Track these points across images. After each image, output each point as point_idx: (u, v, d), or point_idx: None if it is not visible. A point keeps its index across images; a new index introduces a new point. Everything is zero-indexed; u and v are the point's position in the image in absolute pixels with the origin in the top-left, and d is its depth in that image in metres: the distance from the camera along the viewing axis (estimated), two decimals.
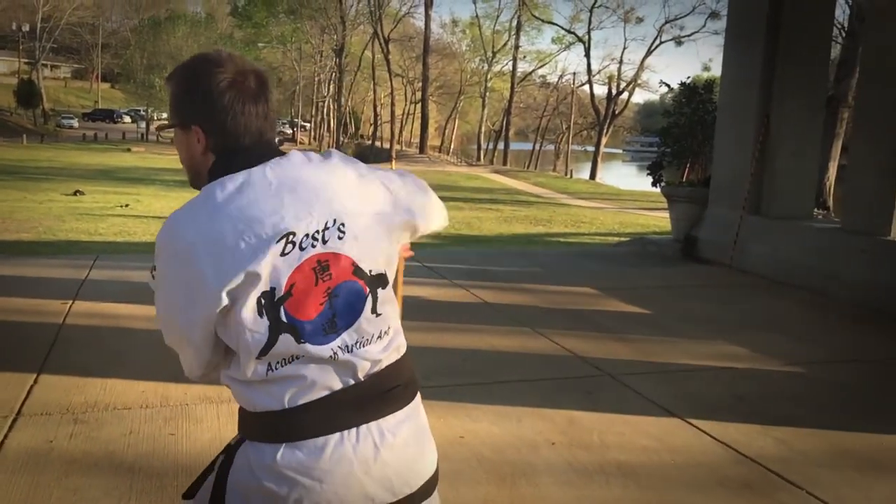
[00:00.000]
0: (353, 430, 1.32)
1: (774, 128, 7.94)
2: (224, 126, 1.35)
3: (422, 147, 53.50)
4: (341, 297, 1.34)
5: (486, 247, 11.36)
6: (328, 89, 61.64)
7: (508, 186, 31.75)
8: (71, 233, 11.29)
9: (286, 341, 1.30)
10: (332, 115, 61.10)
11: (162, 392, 3.76)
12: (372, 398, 1.36)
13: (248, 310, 1.27)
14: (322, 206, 1.33)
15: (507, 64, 58.38)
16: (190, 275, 1.27)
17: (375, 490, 1.34)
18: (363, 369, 1.35)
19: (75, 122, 61.44)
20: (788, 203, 7.97)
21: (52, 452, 3.07)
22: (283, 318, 1.29)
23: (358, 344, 1.35)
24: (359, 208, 1.37)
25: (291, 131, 65.15)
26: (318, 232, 1.31)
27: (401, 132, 60.75)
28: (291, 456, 1.30)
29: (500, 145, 57.25)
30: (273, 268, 1.28)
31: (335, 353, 1.32)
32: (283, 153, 1.39)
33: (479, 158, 56.83)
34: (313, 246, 1.31)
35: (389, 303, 1.42)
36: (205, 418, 3.47)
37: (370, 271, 1.37)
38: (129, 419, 3.43)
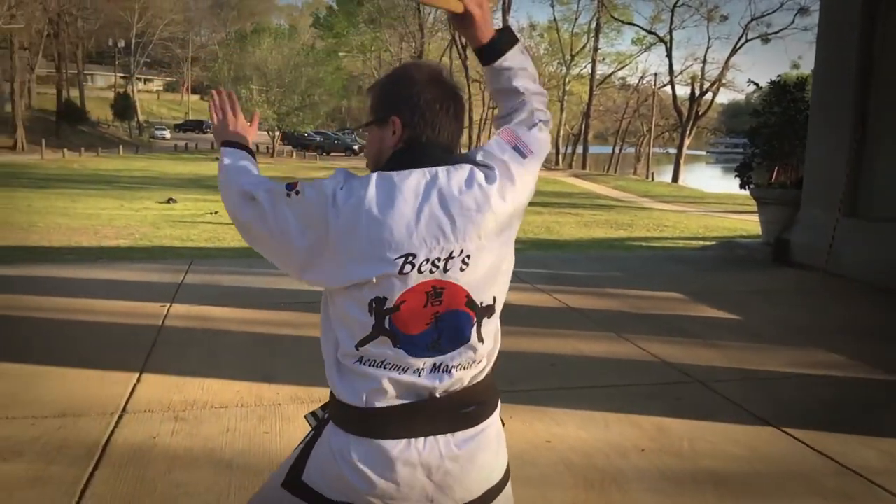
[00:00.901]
0: (422, 438, 1.40)
1: (872, 125, 7.60)
2: (425, 117, 1.42)
3: None
4: (448, 322, 1.39)
5: (566, 251, 11.26)
6: None
7: (588, 190, 31.40)
8: (165, 239, 11.79)
9: (384, 342, 1.37)
10: None
11: (256, 392, 3.88)
12: (446, 414, 1.42)
13: (363, 302, 1.35)
14: (456, 235, 1.35)
15: (585, 67, 57.77)
16: (320, 248, 1.36)
17: (435, 493, 1.42)
18: (444, 388, 1.41)
19: (167, 133, 64.04)
20: (888, 204, 7.60)
21: (155, 448, 3.21)
22: (387, 325, 1.36)
23: (458, 367, 1.42)
24: (489, 244, 1.40)
25: None
26: (439, 259, 1.35)
27: (479, 137, 60.86)
28: (363, 450, 1.39)
29: (579, 149, 56.62)
30: (389, 281, 1.34)
31: (423, 369, 1.39)
32: (465, 159, 1.43)
33: (557, 162, 56.40)
34: (431, 272, 1.35)
35: (494, 329, 1.48)
36: (296, 418, 3.56)
37: (481, 303, 1.42)
38: (226, 417, 3.56)
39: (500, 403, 1.58)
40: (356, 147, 55.48)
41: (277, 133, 51.82)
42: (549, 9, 59.17)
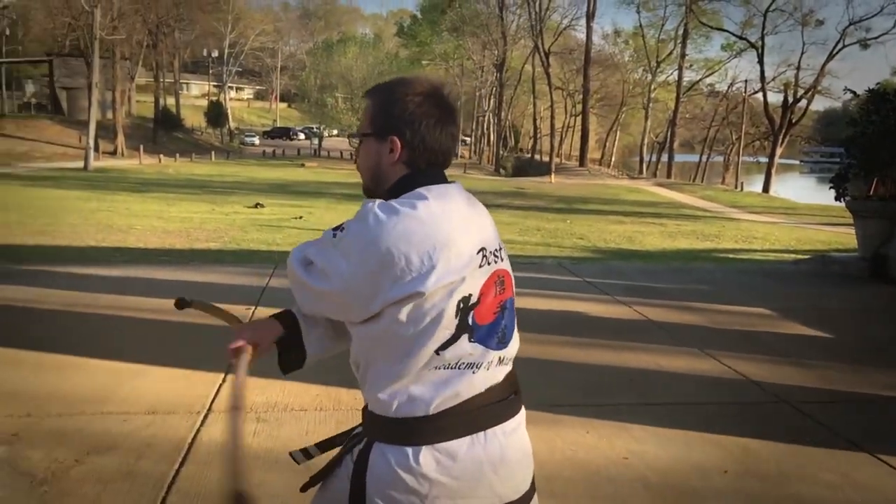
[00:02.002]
0: (482, 433, 1.43)
1: None
2: (424, 141, 1.46)
3: (582, 160, 52.92)
4: (508, 310, 1.49)
5: (649, 262, 11.03)
6: (488, 104, 62.51)
7: (673, 200, 30.68)
8: (252, 243, 12.15)
9: (463, 340, 1.41)
10: (492, 129, 61.88)
11: (334, 396, 3.95)
12: (497, 404, 1.46)
13: (449, 308, 1.38)
14: (493, 229, 1.50)
15: (672, 73, 56.60)
16: (388, 264, 1.35)
17: (502, 488, 1.45)
18: (499, 378, 1.47)
19: (256, 140, 66.12)
20: None
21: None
22: (469, 321, 1.41)
23: (508, 360, 1.50)
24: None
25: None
26: (498, 249, 1.48)
27: (560, 145, 60.37)
28: (430, 457, 1.40)
29: (664, 157, 55.44)
30: (474, 276, 1.41)
31: (493, 362, 1.45)
32: None
33: (641, 171, 55.40)
34: (495, 262, 1.46)
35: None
36: None
37: (514, 292, 1.54)
38: (306, 420, 3.64)
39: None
40: None
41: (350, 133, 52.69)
42: (635, 15, 58.05)
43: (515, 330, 1.52)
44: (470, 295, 1.39)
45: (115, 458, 3.14)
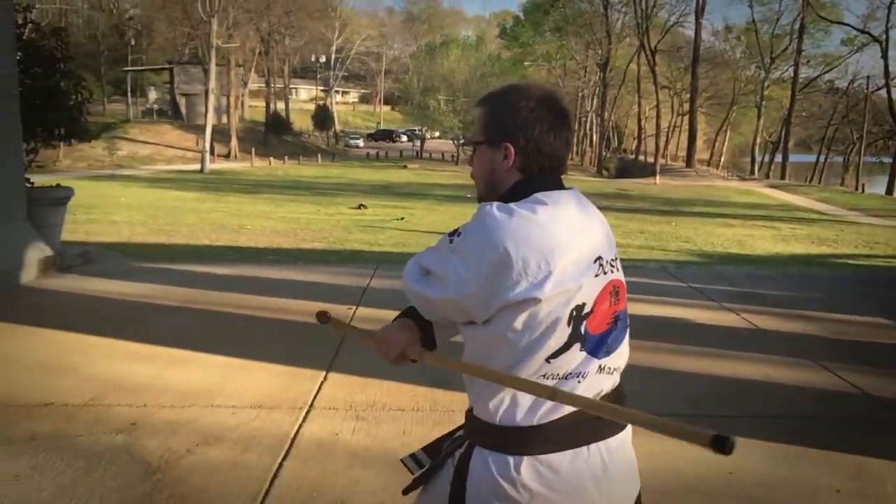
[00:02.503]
0: (586, 447, 1.41)
1: None
2: (538, 147, 1.45)
3: (689, 160, 51.39)
4: (621, 321, 1.48)
5: (759, 267, 10.58)
6: (591, 104, 61.62)
7: (786, 202, 29.34)
8: (355, 243, 12.44)
9: (574, 349, 1.39)
10: (594, 129, 60.96)
11: (431, 397, 3.99)
12: (602, 420, 1.42)
13: (564, 317, 1.37)
14: (609, 238, 1.47)
15: (787, 70, 54.17)
16: (506, 266, 1.34)
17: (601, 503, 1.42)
18: (603, 390, 1.45)
19: (361, 142, 67.63)
20: None
21: (337, 444, 3.40)
22: (581, 330, 1.39)
23: (616, 369, 1.48)
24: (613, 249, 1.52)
25: None
26: (614, 259, 1.47)
27: (666, 145, 58.84)
28: (532, 468, 1.38)
29: (778, 157, 53.06)
30: (589, 285, 1.40)
31: (594, 370, 1.42)
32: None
33: (752, 172, 53.25)
34: (611, 272, 1.45)
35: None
36: None
37: (626, 304, 1.52)
38: (403, 420, 3.70)
39: None
40: None
41: (462, 141, 53.03)
42: (747, 9, 55.67)
43: (625, 341, 1.50)
44: (584, 304, 1.38)
45: (223, 450, 3.28)
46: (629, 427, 1.50)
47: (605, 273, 1.42)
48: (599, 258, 1.41)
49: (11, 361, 4.42)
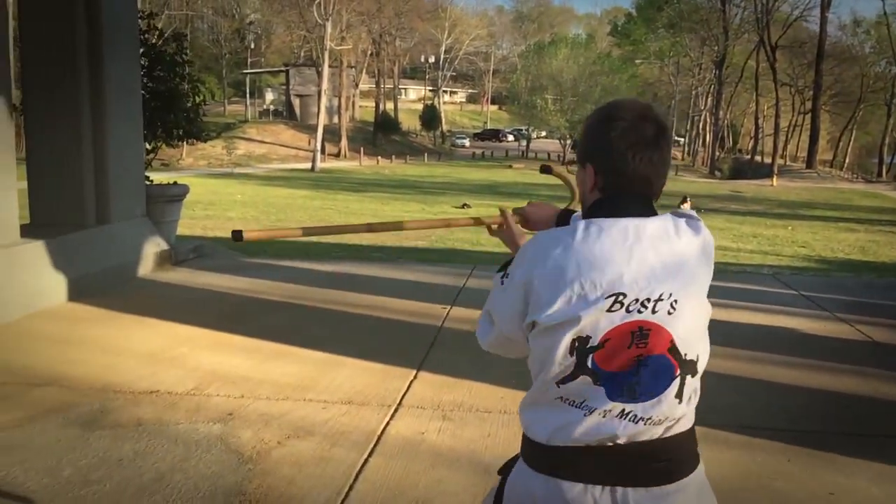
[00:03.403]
0: (600, 486, 1.35)
1: None
2: (615, 168, 1.40)
3: (809, 161, 48.89)
4: (650, 367, 1.35)
5: (884, 276, 9.92)
6: (705, 102, 59.57)
7: None
8: (457, 242, 12.54)
9: (585, 381, 1.35)
10: (708, 128, 58.91)
11: (518, 399, 3.95)
12: (632, 465, 1.36)
13: (563, 345, 1.34)
14: (664, 277, 1.35)
15: None
16: (526, 288, 1.39)
17: None
18: (628, 436, 1.36)
19: (467, 142, 68.03)
20: None
21: (422, 444, 3.43)
22: (589, 364, 1.34)
23: (648, 421, 1.36)
24: (695, 293, 1.39)
25: None
26: (649, 300, 1.34)
27: (785, 146, 56.17)
28: (543, 487, 1.39)
29: None
30: (596, 319, 1.33)
31: (612, 412, 1.35)
32: (654, 211, 1.42)
33: (880, 174, 50.04)
34: (640, 312, 1.34)
35: (693, 390, 1.41)
36: None
37: (685, 355, 1.38)
38: (489, 422, 3.69)
39: (701, 464, 1.47)
40: None
41: (569, 141, 52.44)
42: (878, 2, 52.26)
43: (669, 395, 1.37)
44: (589, 337, 1.33)
45: (312, 443, 3.37)
46: (692, 479, 1.41)
47: (627, 311, 1.32)
48: (620, 294, 1.32)
49: (124, 350, 4.70)
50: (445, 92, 78.24)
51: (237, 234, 1.73)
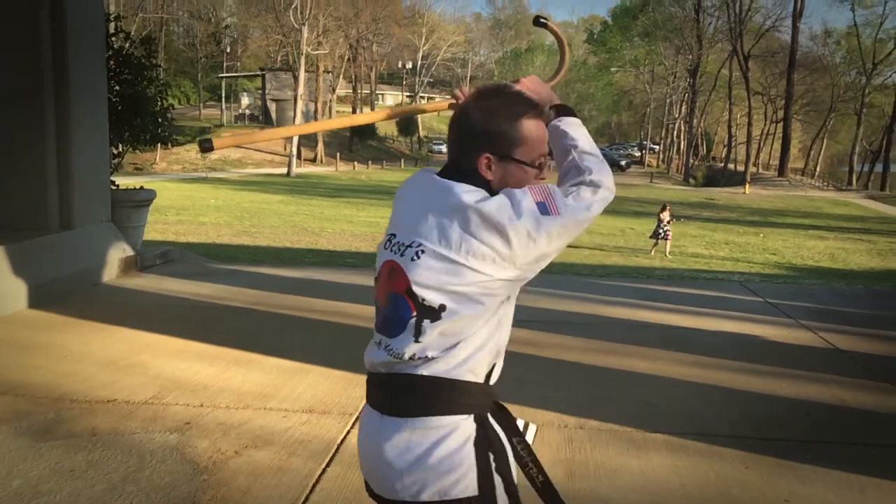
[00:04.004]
0: (370, 407, 1.56)
1: None
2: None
3: (781, 169, 49.54)
4: (394, 305, 1.49)
5: (852, 283, 10.06)
6: (679, 110, 60.16)
7: (886, 214, 27.88)
8: None
9: (375, 310, 1.58)
10: (682, 136, 59.52)
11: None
12: (382, 392, 1.53)
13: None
14: (422, 228, 1.47)
15: (890, 76, 51.59)
16: None
17: (366, 470, 1.60)
18: (389, 368, 1.50)
19: (444, 147, 67.86)
20: None
21: None
22: (374, 294, 1.58)
23: (398, 355, 1.47)
24: (444, 248, 1.43)
25: (640, 154, 64.67)
26: (403, 244, 1.49)
27: (758, 154, 56.88)
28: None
29: (878, 167, 50.48)
30: (379, 254, 1.57)
31: (379, 343, 1.52)
32: (462, 173, 1.52)
33: (850, 182, 50.84)
34: (394, 252, 1.51)
35: (437, 335, 1.44)
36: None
37: (423, 300, 1.44)
38: None
39: (457, 423, 1.45)
40: (623, 163, 54.59)
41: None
42: (849, 13, 53.20)
43: (408, 335, 1.45)
44: (376, 268, 1.56)
45: (270, 453, 3.33)
46: (427, 425, 1.45)
47: (390, 251, 1.51)
48: (393, 235, 1.52)
49: (83, 357, 4.61)
50: (423, 98, 78.18)
51: (206, 144, 1.74)
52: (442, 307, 1.43)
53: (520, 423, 1.61)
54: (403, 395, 1.48)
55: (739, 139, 57.09)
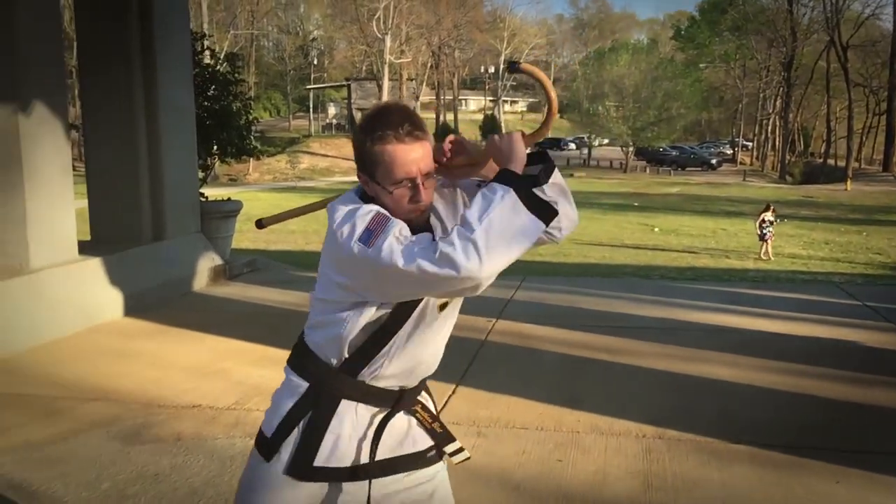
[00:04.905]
0: None
1: None
2: None
3: (886, 164, 47.04)
4: None
5: None
6: (773, 105, 57.88)
7: None
8: None
9: None
10: (777, 132, 57.26)
11: (557, 416, 3.89)
12: None
13: None
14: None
15: None
16: None
17: None
18: None
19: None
20: None
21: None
22: None
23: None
24: (323, 258, 1.64)
25: (732, 151, 62.57)
26: None
27: (860, 148, 54.09)
28: None
29: None
30: None
31: None
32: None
33: None
34: None
35: (314, 313, 1.70)
36: (593, 449, 3.49)
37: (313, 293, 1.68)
38: (524, 439, 3.62)
39: (297, 384, 1.70)
40: (714, 162, 52.96)
41: (631, 148, 51.66)
42: None
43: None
44: None
45: None
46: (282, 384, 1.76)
47: None
48: None
49: (171, 364, 4.81)
50: (506, 101, 78.09)
51: (259, 223, 2.01)
52: (315, 289, 1.67)
53: (454, 445, 1.83)
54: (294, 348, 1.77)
55: (840, 133, 54.46)
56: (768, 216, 13.93)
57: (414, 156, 1.55)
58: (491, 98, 74.25)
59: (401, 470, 1.70)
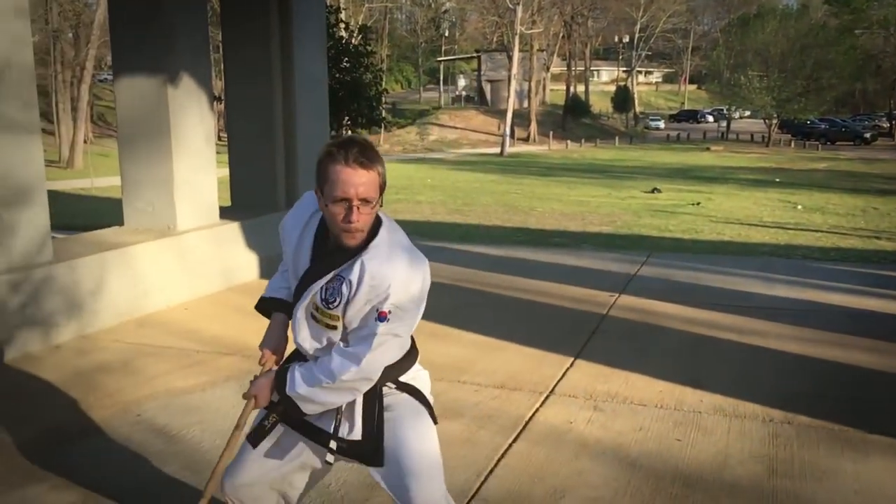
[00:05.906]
0: None
1: None
2: None
3: None
4: None
5: None
6: None
7: None
8: (644, 228, 12.12)
9: None
10: None
11: (678, 395, 3.79)
12: None
13: None
14: None
15: None
16: None
17: None
18: None
19: (661, 123, 65.35)
20: None
21: (569, 433, 3.38)
22: None
23: None
24: None
25: (889, 125, 57.80)
26: None
27: None
28: None
29: None
30: None
31: None
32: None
33: None
34: None
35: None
36: (715, 431, 3.38)
37: None
38: (643, 416, 3.56)
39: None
40: (868, 136, 49.15)
41: (775, 121, 48.72)
42: None
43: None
44: None
45: (460, 425, 3.44)
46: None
47: None
48: None
49: None
50: (640, 72, 75.65)
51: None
52: None
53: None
54: None
55: None
56: None
57: (355, 180, 1.75)
58: (624, 69, 72.05)
59: None
